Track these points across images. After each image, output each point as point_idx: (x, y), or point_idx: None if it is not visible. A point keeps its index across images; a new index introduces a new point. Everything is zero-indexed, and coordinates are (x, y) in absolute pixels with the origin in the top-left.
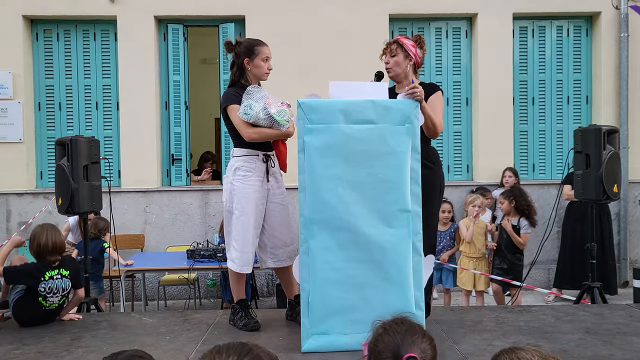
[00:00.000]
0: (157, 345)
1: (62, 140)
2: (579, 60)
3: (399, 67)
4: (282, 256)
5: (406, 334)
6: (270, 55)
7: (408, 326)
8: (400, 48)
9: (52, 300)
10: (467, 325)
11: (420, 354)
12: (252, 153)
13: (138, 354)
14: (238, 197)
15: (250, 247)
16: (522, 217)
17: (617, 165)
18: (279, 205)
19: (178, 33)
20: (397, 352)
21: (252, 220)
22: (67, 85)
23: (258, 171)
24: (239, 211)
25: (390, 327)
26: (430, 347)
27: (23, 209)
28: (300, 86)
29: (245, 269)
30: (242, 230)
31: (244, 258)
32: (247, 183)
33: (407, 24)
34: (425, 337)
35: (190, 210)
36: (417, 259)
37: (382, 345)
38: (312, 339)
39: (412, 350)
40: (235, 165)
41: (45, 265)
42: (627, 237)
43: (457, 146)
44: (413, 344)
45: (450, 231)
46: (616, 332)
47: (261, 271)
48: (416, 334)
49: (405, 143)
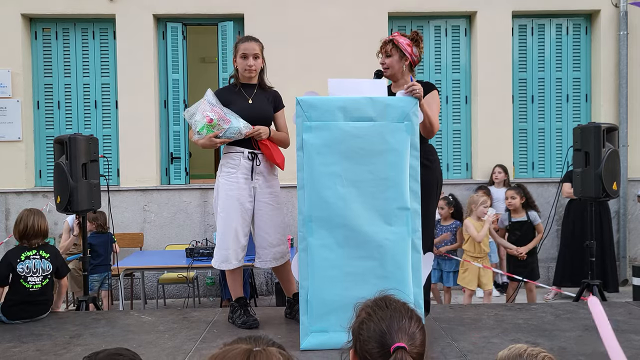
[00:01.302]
0: (155, 343)
1: (61, 138)
2: (579, 58)
3: (395, 67)
4: (265, 257)
5: (392, 319)
6: (250, 52)
7: (393, 310)
8: (395, 48)
9: (33, 280)
10: (466, 323)
11: (409, 342)
12: (237, 150)
13: (119, 351)
14: (221, 194)
15: (229, 244)
16: (529, 210)
17: (617, 163)
18: (267, 205)
19: (177, 31)
20: (383, 342)
21: (234, 217)
22: (66, 84)
23: (242, 168)
24: (220, 207)
25: (375, 313)
26: (419, 330)
27: (22, 207)
28: (299, 84)
29: (223, 265)
30: (222, 227)
31: (221, 254)
32: (230, 180)
33: (406, 22)
34: (413, 320)
35: (189, 208)
36: (416, 257)
37: (367, 333)
38: (311, 336)
39: (400, 338)
40: (222, 162)
41: (22, 248)
42: (627, 235)
43: (457, 144)
44: (400, 331)
45: (452, 227)
46: (615, 329)
47: (260, 270)
48: (403, 318)
49: (404, 140)
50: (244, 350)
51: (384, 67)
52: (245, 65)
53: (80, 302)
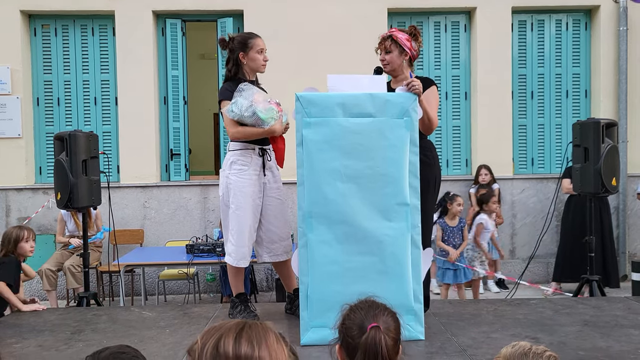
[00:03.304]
0: (156, 338)
1: (61, 135)
2: (578, 54)
3: (395, 63)
4: (277, 251)
5: (369, 309)
6: (264, 47)
7: (371, 303)
8: (394, 44)
9: None
10: (465, 318)
11: (384, 325)
12: (248, 147)
13: (121, 349)
14: (234, 191)
15: (246, 241)
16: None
17: (616, 158)
18: (275, 200)
19: (176, 28)
20: (362, 325)
21: (249, 214)
22: (65, 81)
23: (254, 165)
24: (235, 205)
25: (356, 306)
26: (393, 320)
27: (22, 204)
28: (298, 80)
29: (242, 263)
30: (238, 225)
31: (240, 252)
32: (243, 177)
33: (405, 18)
34: (388, 311)
35: (189, 205)
36: (415, 252)
37: (349, 322)
38: (311, 331)
39: (376, 322)
40: (231, 159)
41: None
42: (626, 231)
43: (456, 141)
44: (376, 317)
45: (460, 227)
46: (614, 324)
47: (260, 266)
48: (378, 309)
49: (403, 136)
50: (238, 321)
51: (384, 64)
52: (262, 60)
53: (82, 298)
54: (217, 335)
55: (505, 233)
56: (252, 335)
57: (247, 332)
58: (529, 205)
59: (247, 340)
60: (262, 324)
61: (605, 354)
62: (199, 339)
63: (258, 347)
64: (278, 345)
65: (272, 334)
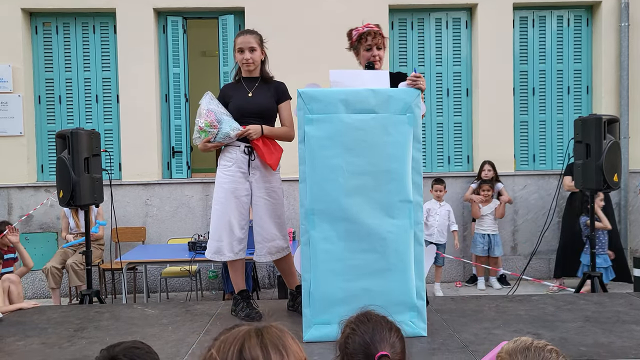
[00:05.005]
0: (159, 335)
1: (63, 132)
2: (580, 50)
3: (382, 59)
4: (260, 251)
5: (374, 332)
6: (245, 46)
7: (374, 323)
8: (384, 41)
9: None
10: (467, 315)
11: (391, 349)
12: (235, 144)
13: (135, 345)
14: (216, 186)
15: (222, 236)
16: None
17: (618, 154)
18: (261, 199)
19: (177, 25)
20: (368, 352)
21: (228, 209)
22: (67, 78)
23: (239, 162)
24: (215, 200)
25: (358, 327)
26: (399, 339)
27: (24, 202)
28: (300, 77)
29: (216, 256)
30: (215, 218)
31: (214, 245)
32: (226, 173)
33: (406, 15)
34: (393, 330)
35: (191, 202)
36: (418, 249)
37: (353, 346)
38: (314, 328)
39: (383, 347)
40: (220, 156)
41: None
42: (628, 227)
43: (458, 137)
44: (382, 341)
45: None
46: (616, 320)
47: (263, 263)
48: (383, 330)
49: (406, 133)
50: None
51: (377, 59)
52: (242, 59)
53: (84, 296)
54: (238, 342)
55: (506, 229)
56: (274, 339)
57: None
58: (531, 202)
59: (273, 346)
60: (275, 326)
61: (607, 350)
62: (214, 350)
63: (285, 351)
64: (297, 346)
65: (288, 335)
